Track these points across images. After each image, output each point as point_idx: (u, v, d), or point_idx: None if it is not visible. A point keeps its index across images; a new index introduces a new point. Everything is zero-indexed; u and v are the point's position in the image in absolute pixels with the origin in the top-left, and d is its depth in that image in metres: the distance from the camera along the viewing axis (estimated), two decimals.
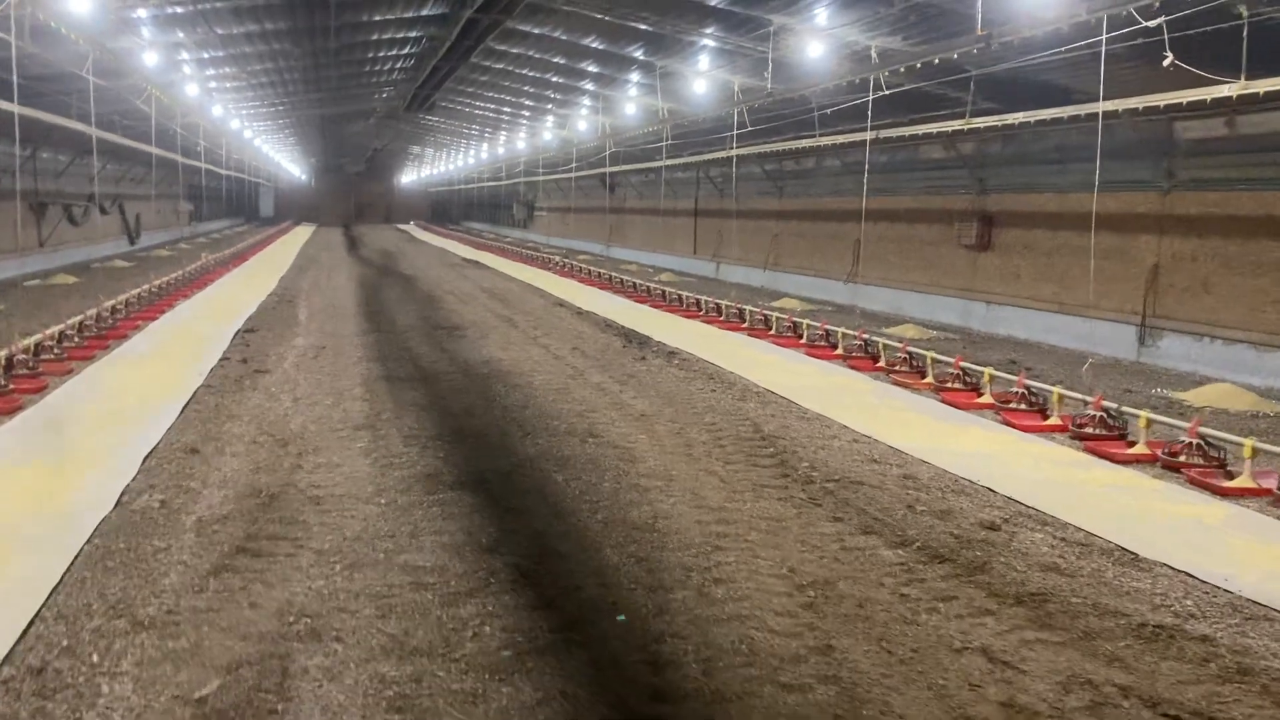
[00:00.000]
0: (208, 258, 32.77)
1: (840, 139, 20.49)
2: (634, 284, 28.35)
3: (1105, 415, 10.65)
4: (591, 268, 34.65)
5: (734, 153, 23.83)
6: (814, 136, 21.72)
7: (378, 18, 24.21)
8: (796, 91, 17.31)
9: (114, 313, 18.53)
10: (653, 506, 8.03)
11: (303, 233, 66.98)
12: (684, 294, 24.26)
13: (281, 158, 78.67)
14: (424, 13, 24.52)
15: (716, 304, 21.90)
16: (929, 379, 13.64)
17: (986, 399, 12.43)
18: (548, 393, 12.78)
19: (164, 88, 23.99)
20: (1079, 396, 11.43)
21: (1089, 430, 10.65)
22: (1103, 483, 9.22)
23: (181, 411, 11.19)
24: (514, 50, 26.28)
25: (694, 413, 11.73)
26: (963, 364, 13.20)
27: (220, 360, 14.72)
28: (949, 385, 13.14)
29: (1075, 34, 11.49)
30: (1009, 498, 8.59)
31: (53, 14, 14.13)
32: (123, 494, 8.11)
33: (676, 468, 9.22)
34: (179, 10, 18.66)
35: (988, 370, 12.51)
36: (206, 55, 24.74)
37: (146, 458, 9.21)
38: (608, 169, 34.79)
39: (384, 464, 9.18)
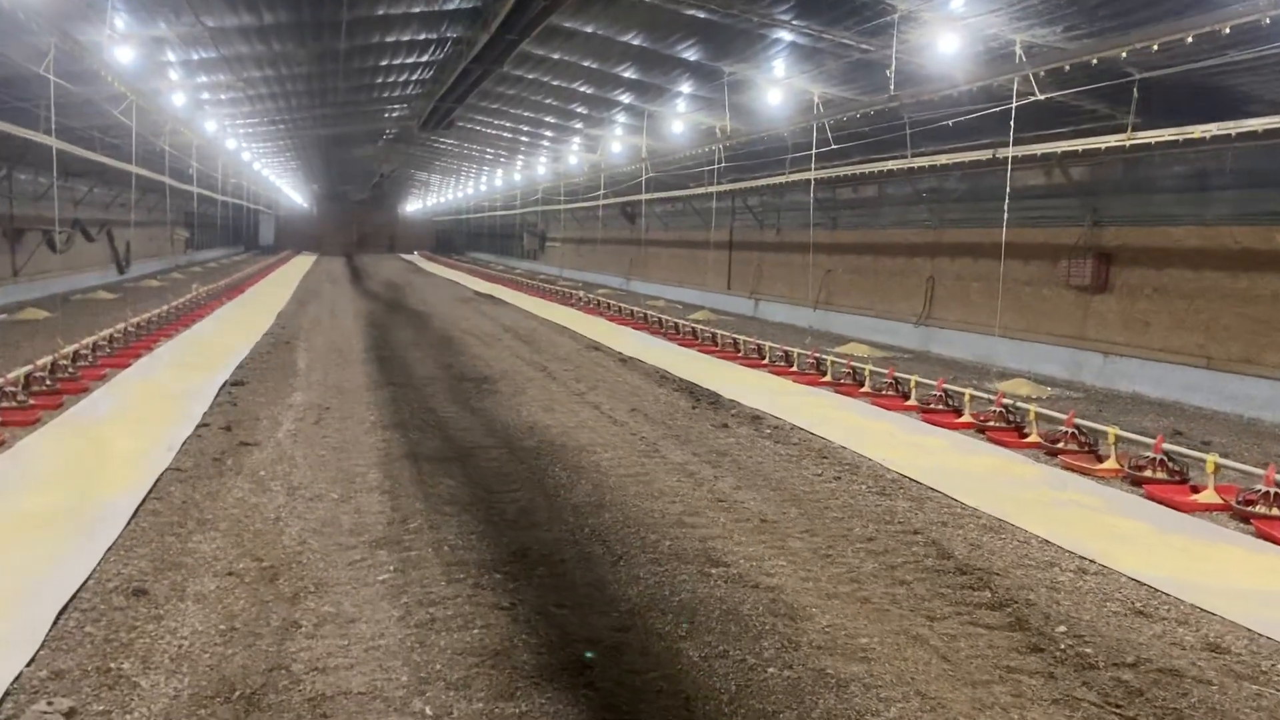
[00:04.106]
0: (199, 290, 29.76)
1: (966, 157, 17.40)
2: (674, 324, 25.33)
3: None
4: (617, 303, 31.69)
5: (812, 175, 20.80)
6: (904, 156, 18.73)
7: (399, 10, 21.06)
8: (938, 92, 14.21)
9: (76, 359, 15.47)
10: None
11: (304, 262, 64.10)
12: (739, 337, 21.19)
13: (282, 183, 75.88)
14: (451, 6, 21.37)
15: (785, 351, 18.82)
16: (1111, 463, 10.55)
17: (1209, 496, 9.35)
18: (624, 481, 9.70)
19: (147, 96, 20.97)
20: None
21: None
22: None
23: (134, 515, 8.09)
24: (553, 55, 23.12)
25: (833, 518, 8.64)
26: (1165, 447, 10.10)
27: (197, 428, 11.63)
28: (1146, 473, 10.05)
29: None
30: None
31: None
32: (8, 694, 5.02)
33: (862, 630, 6.12)
34: None
35: (1211, 458, 9.42)
36: (196, 56, 21.55)
37: (65, 609, 6.11)
38: (643, 195, 31.76)
39: (422, 620, 6.10)
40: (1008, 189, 14.75)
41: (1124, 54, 11.45)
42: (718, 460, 10.81)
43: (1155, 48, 11.14)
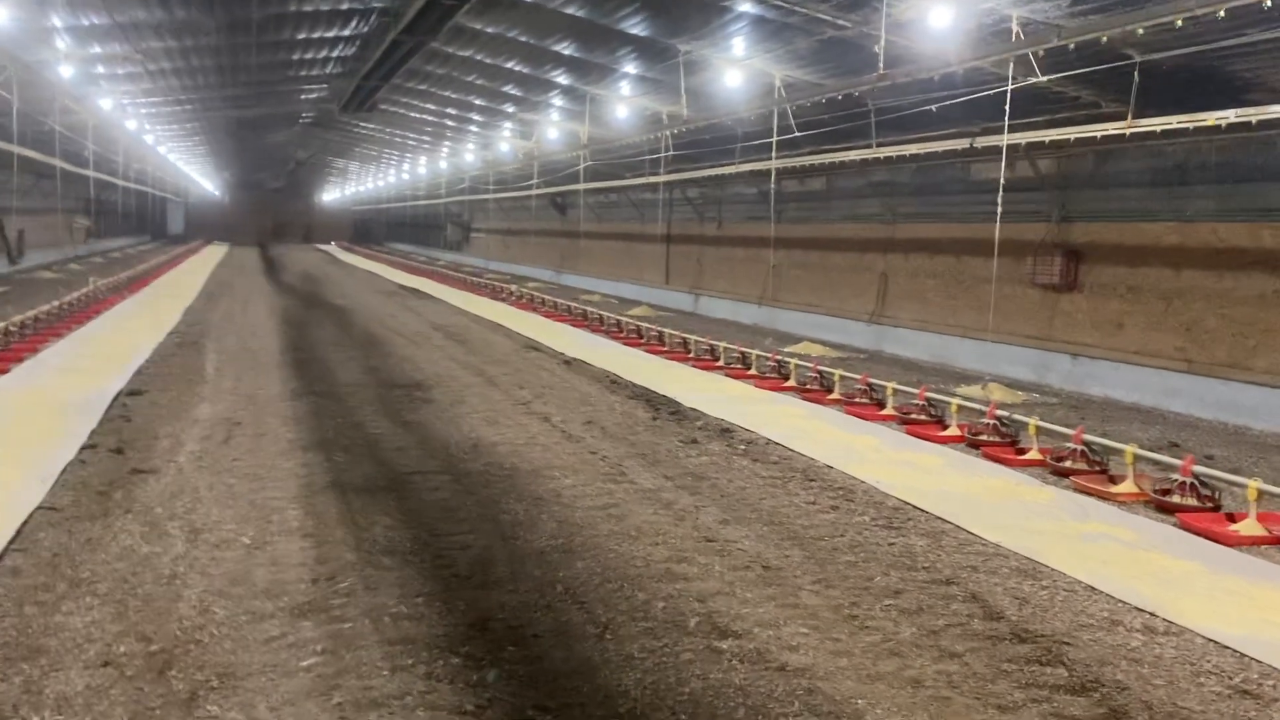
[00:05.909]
0: (97, 283, 27.36)
1: (939, 146, 16.28)
2: (615, 321, 23.97)
3: None
4: (552, 298, 30.18)
5: (773, 164, 19.59)
6: (869, 145, 17.60)
7: None
8: (935, 71, 12.97)
9: None
10: None
11: (215, 253, 61.15)
12: (689, 337, 19.88)
13: (192, 170, 72.39)
14: None
15: (741, 352, 17.60)
16: (1129, 485, 9.51)
17: (1251, 527, 8.33)
18: (592, 516, 8.30)
19: (29, 67, 18.69)
20: None
21: None
22: None
23: None
24: (488, 30, 21.41)
25: (846, 562, 7.37)
26: (1195, 468, 9.07)
27: (82, 450, 9.90)
28: (1174, 499, 9.01)
29: None
30: None
31: None
32: None
33: None
34: None
35: (1253, 484, 8.40)
36: (85, 22, 19.30)
37: None
38: (581, 185, 30.27)
39: None
40: (1002, 180, 13.75)
41: (1139, 30, 10.33)
42: (694, 485, 9.49)
43: (1163, 25, 10.09)
